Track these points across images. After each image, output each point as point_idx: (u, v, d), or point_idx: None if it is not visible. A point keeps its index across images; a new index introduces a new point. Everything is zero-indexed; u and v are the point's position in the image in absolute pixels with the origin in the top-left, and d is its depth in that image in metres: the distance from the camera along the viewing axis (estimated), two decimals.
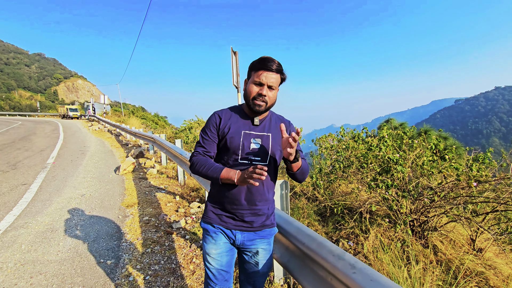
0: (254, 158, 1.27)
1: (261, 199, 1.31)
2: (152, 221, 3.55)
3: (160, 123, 29.01)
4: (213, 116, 1.34)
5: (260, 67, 1.23)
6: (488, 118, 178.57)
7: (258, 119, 1.31)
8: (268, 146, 1.30)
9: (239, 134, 1.27)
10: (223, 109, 1.37)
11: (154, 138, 7.38)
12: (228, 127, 1.29)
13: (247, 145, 1.27)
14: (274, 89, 1.27)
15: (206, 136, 1.32)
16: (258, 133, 1.30)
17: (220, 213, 1.33)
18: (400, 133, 3.96)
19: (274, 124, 1.36)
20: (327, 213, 4.06)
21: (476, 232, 3.55)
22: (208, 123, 1.34)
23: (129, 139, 13.42)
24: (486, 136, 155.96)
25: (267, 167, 1.26)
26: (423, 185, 3.66)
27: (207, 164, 1.25)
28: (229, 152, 1.28)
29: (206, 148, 1.32)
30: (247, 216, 1.31)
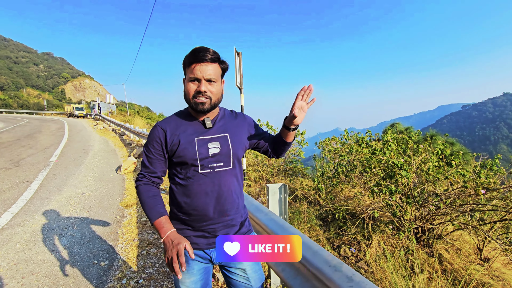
0: (216, 165, 1.13)
1: (232, 208, 1.17)
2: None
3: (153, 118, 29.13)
4: (155, 129, 1.14)
5: (192, 61, 1.07)
6: (496, 124, 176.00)
7: (209, 120, 1.15)
8: (228, 148, 1.15)
9: (192, 142, 1.11)
10: (166, 119, 1.18)
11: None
12: (178, 138, 1.12)
13: (204, 152, 1.11)
14: (215, 82, 1.10)
15: (150, 154, 1.14)
16: (214, 136, 1.15)
17: (188, 235, 1.14)
18: (405, 137, 3.85)
19: (229, 121, 1.22)
20: (329, 217, 3.96)
21: (484, 241, 3.43)
22: (150, 138, 1.14)
23: (133, 138, 13.46)
24: (493, 143, 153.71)
25: (231, 170, 1.17)
26: (429, 191, 3.55)
27: (149, 201, 1.11)
28: (187, 165, 1.11)
29: (151, 168, 1.14)
30: (220, 230, 1.16)
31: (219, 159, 1.13)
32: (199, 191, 1.12)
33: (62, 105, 67.87)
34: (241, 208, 1.23)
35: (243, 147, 1.22)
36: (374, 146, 4.10)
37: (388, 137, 3.85)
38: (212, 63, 1.08)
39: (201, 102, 1.09)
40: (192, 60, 1.07)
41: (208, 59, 1.06)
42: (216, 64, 1.10)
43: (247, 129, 1.26)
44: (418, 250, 3.32)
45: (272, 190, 2.04)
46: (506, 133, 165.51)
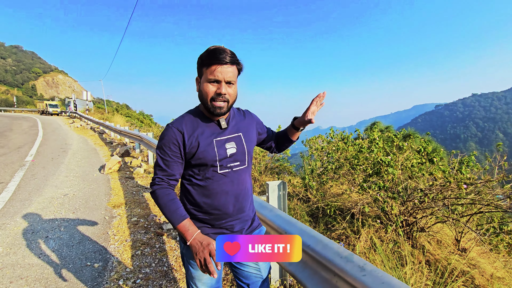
0: (233, 164, 1.15)
1: (248, 203, 1.22)
2: (141, 222, 3.43)
3: (145, 121, 28.36)
4: (170, 131, 1.11)
5: (212, 62, 1.05)
6: (466, 123, 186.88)
7: (224, 120, 1.16)
8: (243, 147, 1.18)
9: (211, 144, 1.11)
10: (180, 121, 1.14)
11: (141, 137, 7.19)
12: (197, 141, 1.10)
13: (223, 153, 1.12)
14: (234, 84, 1.11)
15: (167, 156, 1.11)
16: (230, 136, 1.16)
17: (206, 232, 1.15)
18: (391, 135, 4.03)
19: (240, 120, 1.24)
20: (319, 214, 4.07)
21: (461, 233, 3.67)
22: (166, 140, 1.11)
23: (114, 137, 13.02)
24: (463, 141, 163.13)
25: (246, 168, 1.20)
26: (412, 187, 3.74)
27: (170, 205, 1.09)
28: (206, 166, 1.12)
29: (168, 171, 1.12)
30: (237, 226, 1.19)
31: (236, 159, 1.15)
32: (219, 191, 1.13)
33: (33, 102, 64.13)
34: (252, 203, 1.27)
35: (254, 145, 1.26)
36: (361, 144, 4.25)
37: (375, 136, 4.01)
38: (232, 65, 1.07)
39: (219, 106, 1.09)
40: (213, 61, 1.05)
41: (228, 61, 1.05)
42: (234, 66, 1.09)
43: (255, 128, 1.30)
44: (404, 243, 3.50)
45: (271, 187, 2.08)
46: (475, 131, 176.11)
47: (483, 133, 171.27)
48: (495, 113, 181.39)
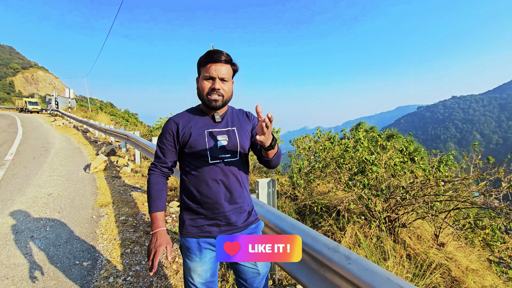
0: (224, 156, 1.21)
1: (240, 196, 1.26)
2: (129, 221, 3.42)
3: (131, 120, 27.79)
4: (168, 123, 1.24)
5: (208, 61, 1.17)
6: (446, 124, 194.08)
7: (218, 115, 1.25)
8: (236, 141, 1.24)
9: (202, 134, 1.20)
10: (179, 114, 1.27)
11: (128, 135, 7.08)
12: (189, 131, 1.21)
13: (213, 144, 1.21)
14: (227, 81, 1.21)
15: (163, 145, 1.24)
16: (223, 129, 1.24)
17: (201, 224, 1.22)
18: (375, 135, 4.19)
19: (236, 117, 1.31)
20: (306, 211, 4.18)
21: (440, 228, 3.87)
22: (164, 131, 1.24)
23: (98, 136, 12.72)
24: (443, 141, 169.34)
25: (238, 161, 1.25)
26: (395, 185, 3.91)
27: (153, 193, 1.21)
28: (197, 155, 1.20)
29: (162, 159, 1.24)
30: (232, 217, 1.24)
31: (227, 151, 1.22)
32: (210, 180, 1.20)
33: (11, 99, 61.40)
34: (247, 197, 1.31)
35: (248, 142, 1.29)
36: (347, 143, 4.40)
37: (360, 135, 4.16)
38: (225, 64, 1.18)
39: (214, 99, 1.19)
40: (208, 60, 1.16)
41: (222, 60, 1.16)
42: (228, 65, 1.20)
43: (251, 127, 1.33)
44: (386, 238, 3.65)
45: (261, 184, 2.15)
46: (454, 132, 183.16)
47: (461, 134, 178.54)
48: (473, 115, 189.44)
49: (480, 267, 3.68)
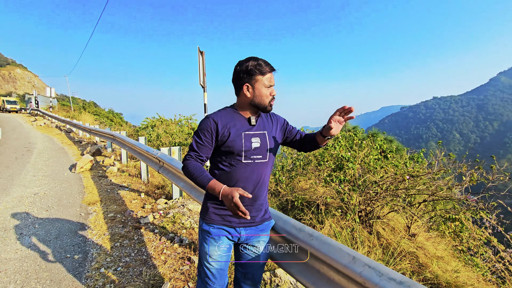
0: (256, 157, 1.33)
1: (263, 194, 1.40)
2: (118, 217, 3.53)
3: (115, 120, 27.33)
4: (207, 120, 1.32)
5: (269, 70, 1.31)
6: (427, 124, 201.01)
7: (254, 118, 1.36)
8: (266, 144, 1.36)
9: (240, 136, 1.31)
10: (216, 113, 1.36)
11: (114, 135, 7.11)
12: (228, 131, 1.30)
13: (248, 145, 1.31)
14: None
15: (200, 140, 1.32)
16: (257, 132, 1.35)
17: (223, 213, 1.34)
18: (352, 134, 4.47)
19: (266, 121, 1.42)
20: (288, 206, 4.42)
21: (411, 220, 4.20)
22: (202, 128, 1.32)
23: (82, 136, 12.55)
24: (425, 140, 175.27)
25: (267, 163, 1.38)
26: (370, 180, 4.21)
27: (198, 171, 1.29)
28: (233, 154, 1.31)
29: (199, 153, 1.33)
30: (252, 212, 1.36)
31: (259, 152, 1.34)
32: (241, 177, 1.32)
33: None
34: (266, 196, 1.45)
35: (277, 144, 1.45)
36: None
37: (338, 134, 4.43)
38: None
39: (272, 105, 1.37)
40: (269, 70, 1.31)
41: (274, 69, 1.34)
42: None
43: (279, 128, 1.48)
44: (361, 230, 3.94)
45: None
46: (435, 132, 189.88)
47: (442, 134, 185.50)
48: (453, 115, 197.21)
49: (446, 255, 4.03)
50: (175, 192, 4.13)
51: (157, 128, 9.80)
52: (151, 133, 9.35)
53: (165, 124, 10.49)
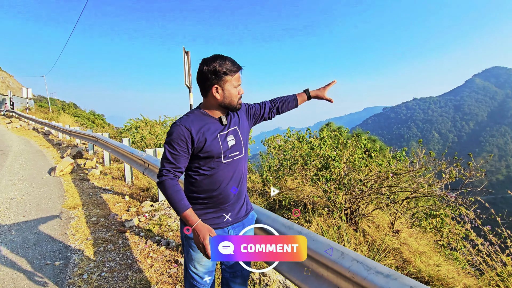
0: (234, 154, 1.33)
1: (244, 188, 1.40)
2: (101, 221, 3.42)
3: (97, 121, 26.51)
4: (179, 128, 1.24)
5: (237, 69, 1.27)
6: (408, 124, 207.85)
7: (224, 117, 1.34)
8: (240, 139, 1.36)
9: (216, 138, 1.28)
10: (186, 119, 1.28)
11: (96, 137, 6.89)
12: (204, 137, 1.26)
13: (226, 145, 1.30)
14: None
15: (175, 151, 1.25)
16: (230, 130, 1.34)
17: (210, 217, 1.32)
18: (337, 134, 4.55)
19: (233, 115, 1.40)
20: (276, 206, 4.43)
21: (395, 217, 4.32)
22: (174, 137, 1.24)
23: (62, 138, 12.09)
24: (406, 140, 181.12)
25: (244, 157, 1.38)
26: (355, 179, 4.29)
27: (177, 195, 1.23)
28: (213, 158, 1.28)
29: (175, 164, 1.26)
30: (237, 208, 1.37)
31: (236, 149, 1.34)
32: (224, 178, 1.30)
33: None
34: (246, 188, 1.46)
35: (248, 134, 1.44)
36: (313, 142, 4.73)
37: (324, 134, 4.50)
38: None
39: (241, 103, 1.35)
40: (237, 69, 1.28)
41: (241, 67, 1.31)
42: None
43: (245, 117, 1.46)
44: (347, 228, 4.01)
45: None
46: (416, 131, 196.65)
47: (422, 133, 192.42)
48: (432, 115, 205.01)
49: (428, 250, 4.18)
50: (161, 194, 4.05)
51: (141, 129, 9.58)
52: (135, 134, 9.13)
53: (149, 126, 10.28)
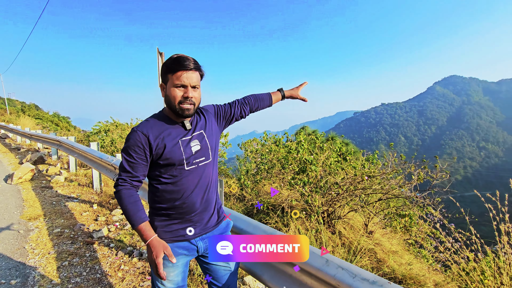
0: (199, 160, 1.23)
1: (212, 196, 1.30)
2: (66, 232, 3.16)
3: (62, 124, 24.87)
4: (135, 134, 1.15)
5: (178, 68, 1.13)
6: (377, 128, 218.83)
7: (188, 122, 1.24)
8: (206, 143, 1.26)
9: (177, 144, 1.19)
10: (144, 124, 1.19)
11: (60, 141, 6.42)
12: (163, 143, 1.16)
13: (188, 151, 1.20)
14: (198, 88, 1.21)
15: (132, 158, 1.15)
16: (194, 135, 1.24)
17: (175, 228, 1.21)
18: (314, 138, 4.62)
19: (199, 119, 1.31)
20: (254, 211, 4.38)
21: (368, 218, 4.45)
22: (130, 144, 1.15)
23: (21, 142, 11.16)
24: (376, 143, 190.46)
25: (211, 163, 1.27)
26: (331, 182, 4.38)
27: (133, 206, 1.14)
28: (173, 164, 1.18)
29: (133, 173, 1.17)
30: (205, 218, 1.26)
31: (201, 154, 1.23)
32: (188, 186, 1.20)
33: None
34: (217, 196, 1.35)
35: (217, 138, 1.35)
36: (290, 146, 4.76)
37: (301, 138, 4.54)
38: (195, 71, 1.17)
39: (187, 108, 1.17)
40: (179, 68, 1.13)
41: (193, 67, 1.15)
42: (197, 72, 1.19)
43: (213, 120, 1.36)
44: (325, 230, 4.06)
45: None
46: (384, 135, 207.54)
47: (390, 137, 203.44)
48: (398, 120, 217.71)
49: (400, 249, 4.35)
50: None
51: (111, 133, 9.11)
52: (105, 138, 8.65)
53: (120, 129, 9.80)
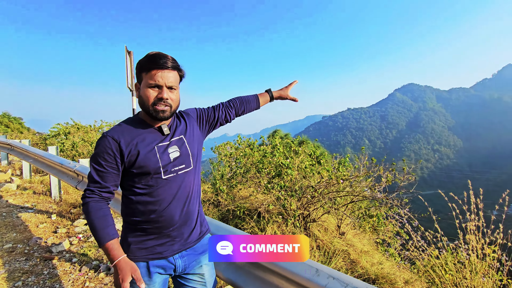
0: (178, 168, 1.11)
1: (196, 208, 1.19)
2: (19, 248, 2.81)
3: (13, 126, 22.67)
4: (105, 140, 1.04)
5: (152, 67, 1.03)
6: (344, 132, 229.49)
7: (166, 126, 1.13)
8: (187, 149, 1.15)
9: (153, 151, 1.07)
10: (116, 129, 1.08)
11: (12, 145, 5.79)
12: (136, 149, 1.05)
13: (166, 158, 1.09)
14: (176, 89, 1.10)
15: (100, 167, 1.04)
16: (173, 140, 1.13)
17: (151, 245, 1.09)
18: (289, 142, 4.66)
19: (179, 123, 1.20)
20: (229, 216, 4.29)
21: (341, 220, 4.58)
22: (99, 150, 1.04)
23: None
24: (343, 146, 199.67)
25: (193, 170, 1.17)
26: (306, 185, 4.43)
27: (100, 221, 1.02)
28: (148, 173, 1.07)
29: (102, 183, 1.05)
30: (186, 233, 1.15)
31: (181, 162, 1.12)
32: (165, 196, 1.09)
33: None
34: (200, 207, 1.25)
35: (199, 144, 1.23)
36: (265, 149, 4.75)
37: (276, 142, 4.55)
38: (173, 70, 1.06)
39: (161, 110, 1.06)
40: (153, 66, 1.03)
41: (169, 66, 1.04)
42: (176, 72, 1.08)
43: (195, 125, 1.25)
44: (301, 233, 4.09)
45: None
46: (350, 139, 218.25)
47: (355, 140, 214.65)
48: (363, 124, 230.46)
49: (370, 249, 4.51)
50: None
51: (72, 135, 8.44)
52: (64, 141, 7.98)
53: (82, 131, 9.11)
